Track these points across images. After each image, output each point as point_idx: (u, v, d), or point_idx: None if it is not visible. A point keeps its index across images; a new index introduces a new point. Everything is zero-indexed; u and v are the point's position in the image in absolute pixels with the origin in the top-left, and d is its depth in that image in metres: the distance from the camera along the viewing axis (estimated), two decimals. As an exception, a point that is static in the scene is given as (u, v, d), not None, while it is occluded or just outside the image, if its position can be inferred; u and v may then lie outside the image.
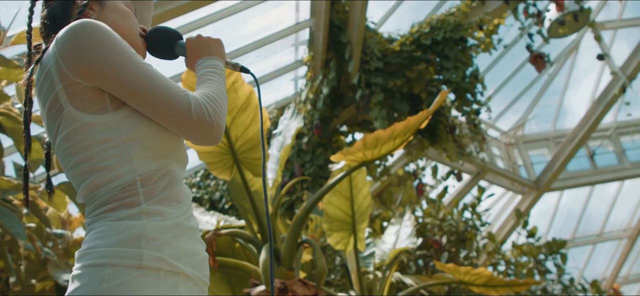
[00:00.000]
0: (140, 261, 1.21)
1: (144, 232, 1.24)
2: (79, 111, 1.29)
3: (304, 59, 7.36)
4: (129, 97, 1.29)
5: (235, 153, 3.78)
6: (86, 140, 1.29)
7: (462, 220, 8.03)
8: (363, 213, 4.74)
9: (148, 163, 1.32)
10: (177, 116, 1.30)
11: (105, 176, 1.29)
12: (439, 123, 7.38)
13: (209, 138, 1.34)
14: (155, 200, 1.30)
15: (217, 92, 1.39)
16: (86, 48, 1.25)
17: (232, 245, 4.47)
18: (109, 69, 1.26)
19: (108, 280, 1.18)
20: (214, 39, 1.56)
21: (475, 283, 4.83)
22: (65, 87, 1.29)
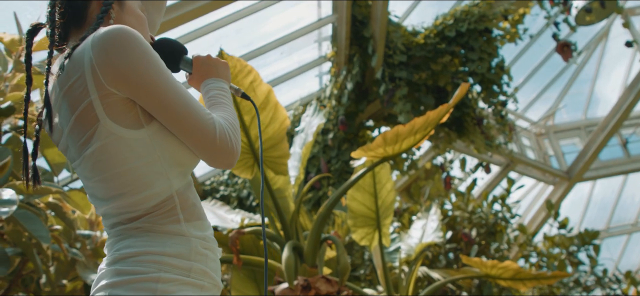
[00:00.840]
0: (189, 273, 1.28)
1: (193, 247, 1.31)
2: (116, 124, 1.27)
3: (328, 55, 7.35)
4: (161, 113, 1.29)
5: (255, 152, 3.80)
6: (123, 154, 1.28)
7: (491, 212, 7.95)
8: (387, 209, 4.73)
9: (179, 178, 1.35)
10: (203, 139, 1.31)
11: (145, 192, 1.30)
12: (465, 116, 7.31)
13: (227, 163, 1.35)
14: (194, 219, 1.36)
15: (235, 117, 1.41)
16: (125, 57, 1.23)
17: (257, 243, 4.49)
18: (146, 81, 1.25)
19: (163, 282, 1.23)
20: (223, 62, 1.56)
21: (503, 277, 4.79)
22: (100, 97, 1.26)
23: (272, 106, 3.66)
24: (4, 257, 3.32)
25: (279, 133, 3.77)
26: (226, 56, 3.52)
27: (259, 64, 6.98)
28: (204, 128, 1.30)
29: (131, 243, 1.29)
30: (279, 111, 3.70)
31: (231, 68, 3.53)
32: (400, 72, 6.71)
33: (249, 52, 6.58)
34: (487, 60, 6.91)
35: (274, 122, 3.71)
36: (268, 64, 7.15)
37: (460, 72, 7.05)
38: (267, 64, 7.13)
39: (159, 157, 1.31)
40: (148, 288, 1.22)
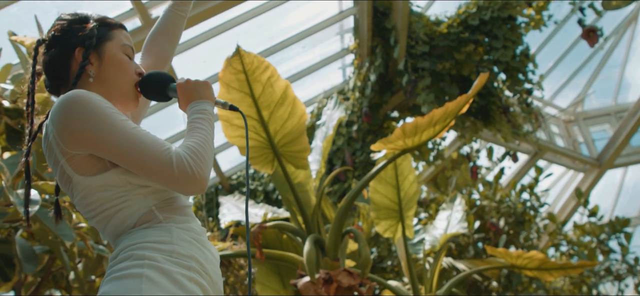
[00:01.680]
0: (171, 254, 1.39)
1: (174, 232, 1.43)
2: (85, 176, 1.43)
3: (350, 47, 7.34)
4: (119, 161, 1.41)
5: (275, 147, 3.82)
6: (99, 196, 1.44)
7: (519, 201, 7.88)
8: (410, 200, 4.72)
9: (157, 194, 1.48)
10: (160, 173, 1.40)
11: (124, 213, 1.46)
12: (491, 104, 7.24)
13: (193, 190, 1.42)
14: (174, 217, 1.48)
15: (201, 142, 1.47)
16: (77, 123, 1.39)
17: (280, 237, 4.52)
18: (98, 139, 1.39)
19: (148, 259, 1.36)
20: (203, 82, 1.62)
21: (528, 267, 4.75)
22: (67, 160, 1.43)
23: (290, 101, 3.68)
24: (32, 255, 3.40)
25: (298, 127, 3.78)
26: (243, 53, 3.55)
27: (281, 58, 7.00)
28: (160, 165, 1.39)
29: (123, 242, 1.43)
30: (297, 106, 3.72)
31: (249, 65, 3.55)
32: (423, 63, 6.67)
33: (271, 47, 6.60)
34: (511, 48, 6.83)
35: (293, 117, 3.72)
36: (290, 57, 7.17)
37: (484, 60, 6.99)
38: (289, 57, 7.15)
39: (131, 186, 1.45)
40: (136, 264, 1.35)
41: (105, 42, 1.60)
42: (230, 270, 5.49)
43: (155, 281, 1.32)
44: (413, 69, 6.72)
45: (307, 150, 3.86)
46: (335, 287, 3.66)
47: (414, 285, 4.68)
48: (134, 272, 1.33)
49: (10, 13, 4.50)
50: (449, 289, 4.64)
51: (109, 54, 1.59)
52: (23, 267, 3.26)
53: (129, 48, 1.64)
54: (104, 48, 1.59)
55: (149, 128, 1.50)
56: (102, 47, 1.59)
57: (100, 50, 1.59)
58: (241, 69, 3.56)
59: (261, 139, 3.81)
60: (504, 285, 7.11)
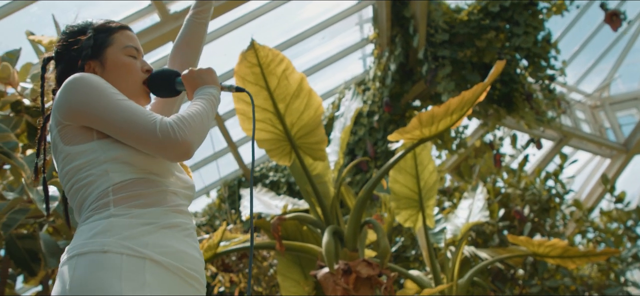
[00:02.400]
0: (103, 247, 1.38)
1: (110, 227, 1.42)
2: (69, 145, 1.51)
3: (370, 37, 7.32)
4: (105, 126, 1.48)
5: (291, 139, 3.84)
6: (74, 165, 1.50)
7: (544, 188, 7.80)
8: (430, 190, 4.71)
9: (123, 174, 1.50)
10: (143, 136, 1.46)
11: (88, 190, 1.49)
12: (514, 91, 7.17)
13: (176, 153, 1.48)
14: (125, 205, 1.47)
15: (191, 113, 1.52)
16: (71, 94, 1.48)
17: (300, 228, 4.55)
18: (87, 106, 1.47)
19: (77, 267, 1.37)
20: (206, 69, 1.68)
21: (551, 255, 4.72)
22: (59, 130, 1.52)
23: (305, 93, 3.69)
24: (56, 249, 3.47)
25: (314, 119, 3.79)
26: (258, 46, 3.57)
27: (301, 50, 7.01)
28: (144, 128, 1.45)
29: (70, 243, 1.47)
30: (312, 98, 3.73)
31: (263, 58, 3.57)
32: (443, 51, 6.63)
33: (290, 39, 6.61)
34: (532, 34, 6.75)
35: (309, 109, 3.74)
36: (310, 49, 7.18)
37: (505, 47, 6.92)
38: (308, 49, 7.16)
39: (103, 160, 1.49)
40: (70, 276, 1.38)
41: (105, 48, 1.66)
42: (254, 261, 5.54)
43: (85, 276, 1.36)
44: (433, 57, 6.68)
45: (324, 141, 3.87)
46: (354, 278, 3.68)
47: (436, 274, 4.67)
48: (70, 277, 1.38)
49: (31, 12, 4.58)
50: (470, 278, 4.62)
51: (110, 59, 1.65)
52: (47, 262, 3.33)
53: (132, 48, 1.69)
54: (105, 55, 1.65)
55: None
56: (103, 54, 1.65)
57: (101, 57, 1.65)
58: (256, 62, 3.58)
59: (278, 131, 3.83)
60: (529, 273, 7.06)
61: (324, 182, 4.13)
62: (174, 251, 1.46)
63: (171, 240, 1.47)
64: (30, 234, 3.53)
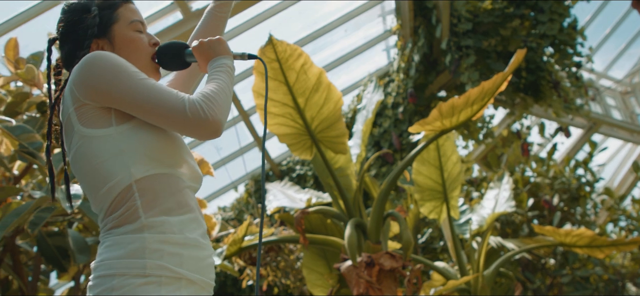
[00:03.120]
0: (144, 270, 1.37)
1: (146, 245, 1.40)
2: (86, 127, 1.46)
3: (393, 28, 7.30)
4: (131, 108, 1.45)
5: (312, 133, 3.86)
6: (92, 152, 1.46)
7: (574, 177, 7.71)
8: (454, 181, 4.69)
9: (146, 168, 1.47)
10: (173, 117, 1.43)
11: (108, 183, 1.45)
12: (541, 79, 7.09)
13: (207, 132, 1.46)
14: (155, 211, 1.44)
15: (215, 89, 1.50)
16: (93, 72, 1.44)
17: (324, 221, 4.57)
18: (111, 86, 1.44)
19: (117, 289, 1.36)
20: (216, 39, 1.64)
21: (578, 244, 4.67)
22: (76, 109, 1.47)
23: (324, 87, 3.71)
24: (84, 246, 3.55)
25: (334, 113, 3.81)
26: (276, 41, 3.59)
27: (324, 43, 7.02)
28: (173, 109, 1.43)
29: (100, 250, 1.45)
30: (332, 92, 3.74)
31: (282, 53, 3.59)
32: (466, 41, 6.58)
33: (313, 32, 6.63)
34: (558, 21, 6.67)
35: (328, 103, 3.75)
36: (334, 42, 7.19)
37: (531, 35, 6.85)
38: (332, 42, 7.17)
39: (124, 149, 1.45)
40: (108, 288, 1.37)
41: (112, 25, 1.62)
42: (280, 254, 5.59)
43: None
44: (457, 47, 6.64)
45: (345, 134, 3.88)
46: (377, 270, 3.69)
47: (461, 265, 4.66)
48: None
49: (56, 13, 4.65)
50: (496, 269, 4.60)
51: (118, 36, 1.62)
52: (76, 258, 3.40)
53: (138, 23, 1.65)
54: (112, 32, 1.61)
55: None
56: (111, 31, 1.61)
57: (109, 34, 1.61)
58: (274, 58, 3.60)
59: (298, 126, 3.86)
60: (560, 263, 7.00)
61: (346, 174, 4.14)
62: (204, 266, 1.48)
63: (200, 251, 1.48)
64: (60, 232, 3.62)
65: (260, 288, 6.60)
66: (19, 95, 3.27)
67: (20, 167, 3.39)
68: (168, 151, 1.51)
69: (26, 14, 4.48)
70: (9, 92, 3.35)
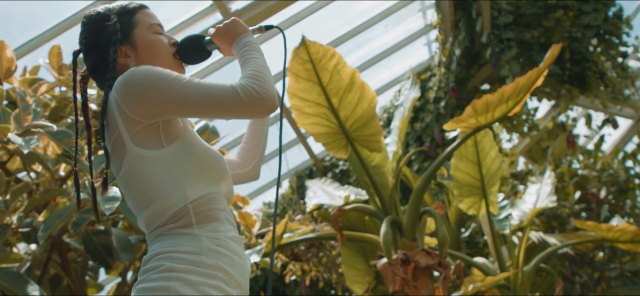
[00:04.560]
0: (199, 266, 1.46)
1: (203, 245, 1.49)
2: (139, 148, 1.53)
3: (433, 23, 7.27)
4: (186, 110, 1.50)
5: (346, 132, 3.90)
6: (146, 172, 1.53)
7: (622, 169, 7.55)
8: (493, 176, 4.67)
9: (197, 190, 1.55)
10: (232, 106, 1.48)
11: (163, 204, 1.52)
12: (587, 70, 6.96)
13: (265, 109, 1.50)
14: (208, 227, 1.53)
15: (256, 67, 1.55)
16: (140, 88, 1.49)
17: (363, 218, 4.61)
18: (161, 96, 1.49)
19: (175, 278, 1.43)
20: (231, 21, 1.70)
21: (620, 240, 4.60)
22: (127, 128, 1.52)
23: (358, 87, 3.74)
24: (128, 244, 3.67)
25: (368, 112, 3.84)
26: (309, 42, 3.64)
27: (364, 40, 7.04)
28: (228, 98, 1.48)
29: (156, 246, 1.52)
30: (365, 91, 3.78)
31: (315, 54, 3.64)
32: (508, 33, 6.51)
33: (353, 29, 6.66)
34: (602, 11, 6.53)
35: (362, 102, 3.79)
36: (374, 37, 7.20)
37: (575, 25, 6.72)
38: (372, 38, 7.18)
39: (176, 171, 1.54)
40: (164, 277, 1.44)
41: (132, 30, 1.67)
42: (322, 250, 5.66)
43: (182, 294, 1.41)
44: (499, 40, 6.57)
45: (380, 133, 3.91)
46: (412, 267, 3.71)
47: (501, 261, 4.64)
48: (162, 285, 1.42)
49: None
50: (536, 265, 4.57)
51: (140, 40, 1.67)
52: (119, 256, 3.52)
53: (156, 25, 1.71)
54: (133, 36, 1.67)
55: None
56: (132, 36, 1.67)
57: (131, 39, 1.66)
58: (308, 59, 3.65)
59: (333, 125, 3.90)
60: (608, 257, 6.88)
61: (383, 172, 4.17)
62: (246, 274, 1.57)
63: (243, 261, 1.57)
64: (105, 230, 3.75)
65: (303, 283, 6.68)
66: (63, 100, 3.41)
67: (66, 168, 3.53)
68: (213, 169, 1.60)
69: (71, 20, 4.65)
70: (54, 97, 3.49)
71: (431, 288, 3.73)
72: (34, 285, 2.86)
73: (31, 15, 4.70)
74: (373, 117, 3.83)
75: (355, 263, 4.71)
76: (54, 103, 3.42)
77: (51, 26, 4.63)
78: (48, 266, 3.62)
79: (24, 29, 4.60)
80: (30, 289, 2.83)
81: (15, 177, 3.31)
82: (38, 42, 4.62)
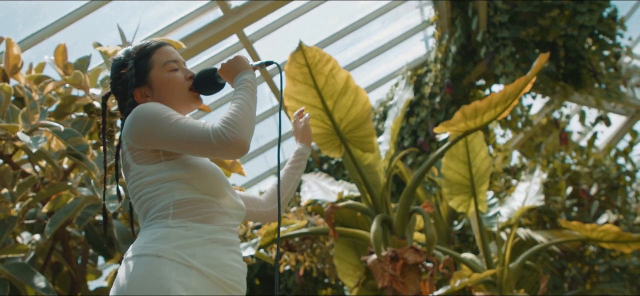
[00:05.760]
0: (158, 252, 1.63)
1: (166, 235, 1.66)
2: (139, 164, 1.75)
3: (430, 19, 7.38)
4: (170, 146, 1.71)
5: (340, 133, 4.05)
6: (144, 181, 1.75)
7: (614, 166, 7.69)
8: (482, 176, 4.82)
9: (185, 193, 1.74)
10: (202, 147, 1.67)
11: (153, 202, 1.73)
12: (581, 68, 7.08)
13: (232, 153, 1.67)
14: (182, 219, 1.70)
15: (235, 110, 1.71)
16: (138, 124, 1.72)
17: (355, 214, 4.76)
18: (152, 133, 1.71)
19: (136, 265, 1.64)
20: (233, 58, 1.86)
21: (604, 239, 4.76)
22: (131, 153, 1.76)
23: (352, 90, 3.88)
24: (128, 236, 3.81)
25: (362, 114, 3.98)
26: (305, 47, 3.77)
27: (362, 35, 7.15)
28: (201, 141, 1.65)
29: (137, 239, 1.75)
30: (359, 94, 3.92)
31: (311, 58, 3.77)
32: (503, 32, 6.62)
33: (350, 25, 6.77)
34: (597, 11, 6.65)
35: (356, 105, 3.93)
36: (371, 33, 7.31)
37: (570, 25, 6.83)
38: (369, 33, 7.29)
39: (168, 179, 1.74)
40: (131, 271, 1.64)
41: (148, 72, 1.86)
42: (316, 242, 5.82)
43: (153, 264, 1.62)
44: (494, 38, 6.69)
45: (372, 134, 4.06)
46: (401, 264, 3.87)
47: (488, 258, 4.80)
48: (139, 262, 1.64)
49: (104, 13, 4.93)
50: (522, 262, 4.72)
51: (155, 80, 1.86)
52: (120, 248, 3.66)
53: (171, 63, 1.88)
54: (150, 78, 1.86)
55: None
56: (148, 78, 1.86)
57: (147, 81, 1.86)
58: (304, 63, 3.79)
59: (327, 126, 4.05)
60: (597, 252, 7.04)
61: (375, 171, 4.32)
62: (218, 264, 1.69)
63: (217, 253, 1.71)
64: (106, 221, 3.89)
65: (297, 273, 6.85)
66: (67, 97, 3.54)
67: (69, 162, 3.67)
68: (208, 183, 1.76)
69: (75, 14, 4.76)
70: (59, 94, 3.62)
71: (418, 284, 3.89)
72: (40, 276, 3.00)
73: (35, 9, 4.82)
74: (366, 119, 3.97)
75: (347, 257, 4.87)
76: (60, 101, 3.56)
77: (55, 20, 4.75)
78: (51, 255, 3.76)
79: (28, 24, 4.72)
80: (36, 280, 2.97)
81: (21, 171, 3.45)
82: (42, 35, 4.75)
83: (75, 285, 3.88)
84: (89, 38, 5.01)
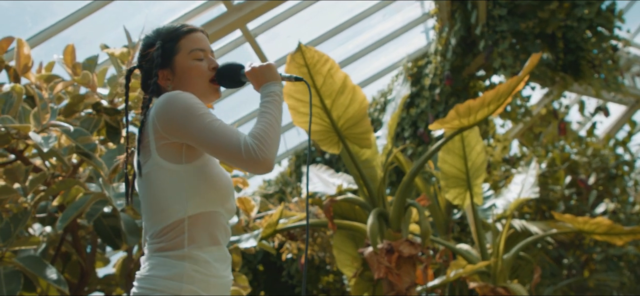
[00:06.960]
0: (180, 292, 1.66)
1: (185, 272, 1.68)
2: (161, 158, 1.72)
3: (431, 12, 7.48)
4: (199, 144, 1.69)
5: (338, 130, 4.20)
6: (160, 180, 1.72)
7: (612, 156, 7.79)
8: (477, 170, 4.95)
9: (198, 206, 1.73)
10: (231, 156, 1.67)
11: (164, 213, 1.71)
12: (581, 59, 7.17)
13: (260, 170, 1.68)
14: (194, 246, 1.71)
15: (265, 126, 1.72)
16: (171, 112, 1.69)
17: (354, 207, 4.91)
18: (186, 127, 1.68)
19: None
20: (266, 65, 1.86)
21: (596, 232, 4.89)
22: (155, 139, 1.73)
23: (349, 90, 4.03)
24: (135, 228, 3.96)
25: (359, 112, 4.13)
26: (304, 48, 3.91)
27: (363, 27, 7.27)
28: (232, 150, 1.65)
29: (147, 265, 1.73)
30: (356, 93, 4.06)
31: (310, 59, 3.91)
32: (502, 25, 6.72)
33: (352, 18, 6.88)
34: (596, 4, 6.74)
35: (354, 103, 4.07)
36: (372, 26, 7.42)
37: (569, 17, 6.92)
38: (370, 26, 7.40)
39: (185, 187, 1.72)
40: None
41: (173, 56, 1.86)
42: (317, 231, 6.00)
43: None
44: (493, 31, 6.78)
45: (370, 131, 4.20)
46: (396, 256, 4.02)
47: (483, 249, 4.94)
48: None
49: (110, 10, 5.06)
50: (516, 253, 4.87)
51: (179, 65, 1.86)
52: (127, 239, 3.81)
53: (198, 51, 1.87)
54: (174, 63, 1.86)
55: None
56: (172, 62, 1.86)
57: (171, 65, 1.86)
58: (303, 63, 3.93)
59: (325, 124, 4.19)
60: (595, 241, 7.15)
61: (372, 166, 4.47)
62: (221, 288, 1.75)
63: (219, 280, 1.75)
64: (113, 213, 4.05)
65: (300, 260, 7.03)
66: (76, 96, 3.69)
67: (78, 157, 3.82)
68: (220, 193, 1.77)
69: (84, 11, 4.90)
70: (67, 93, 3.77)
71: (413, 276, 4.04)
72: (51, 268, 3.16)
73: (44, 7, 4.96)
74: (363, 116, 4.11)
75: (346, 248, 5.02)
76: (69, 99, 3.70)
77: (63, 17, 4.88)
78: (61, 246, 3.92)
79: (37, 20, 4.86)
80: (48, 272, 3.13)
81: (33, 166, 3.60)
82: (51, 32, 4.88)
83: (85, 273, 4.04)
84: (96, 34, 5.16)
